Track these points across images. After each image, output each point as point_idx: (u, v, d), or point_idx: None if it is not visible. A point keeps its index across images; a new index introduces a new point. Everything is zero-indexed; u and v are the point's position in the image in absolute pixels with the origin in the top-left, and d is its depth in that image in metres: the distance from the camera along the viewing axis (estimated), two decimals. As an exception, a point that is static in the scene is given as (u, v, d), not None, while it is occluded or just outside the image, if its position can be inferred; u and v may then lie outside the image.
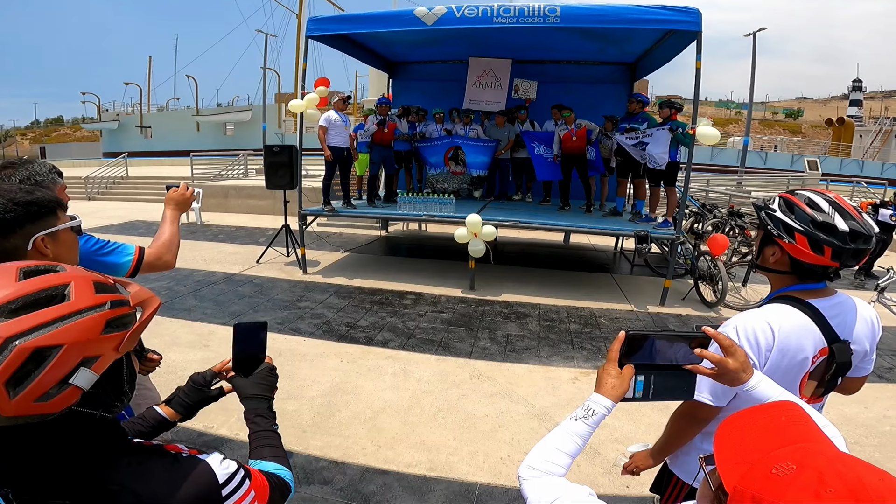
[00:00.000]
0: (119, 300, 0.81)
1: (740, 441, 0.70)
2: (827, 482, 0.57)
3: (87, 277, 0.80)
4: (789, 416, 0.74)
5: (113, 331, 0.78)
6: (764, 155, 28.08)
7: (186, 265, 7.44)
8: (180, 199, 2.01)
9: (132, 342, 0.82)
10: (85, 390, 0.74)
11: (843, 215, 1.27)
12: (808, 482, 0.58)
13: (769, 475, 0.61)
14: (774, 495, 0.58)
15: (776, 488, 0.59)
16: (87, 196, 16.69)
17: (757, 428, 0.72)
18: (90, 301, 0.76)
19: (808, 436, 0.70)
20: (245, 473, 0.94)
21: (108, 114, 39.64)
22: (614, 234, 8.11)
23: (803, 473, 0.59)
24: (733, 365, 1.07)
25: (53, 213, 1.28)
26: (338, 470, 2.86)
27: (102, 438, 0.82)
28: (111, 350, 0.78)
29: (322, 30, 6.69)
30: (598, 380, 1.01)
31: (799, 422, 0.73)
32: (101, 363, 0.76)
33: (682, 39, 6.38)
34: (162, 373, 3.86)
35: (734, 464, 0.67)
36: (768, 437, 0.69)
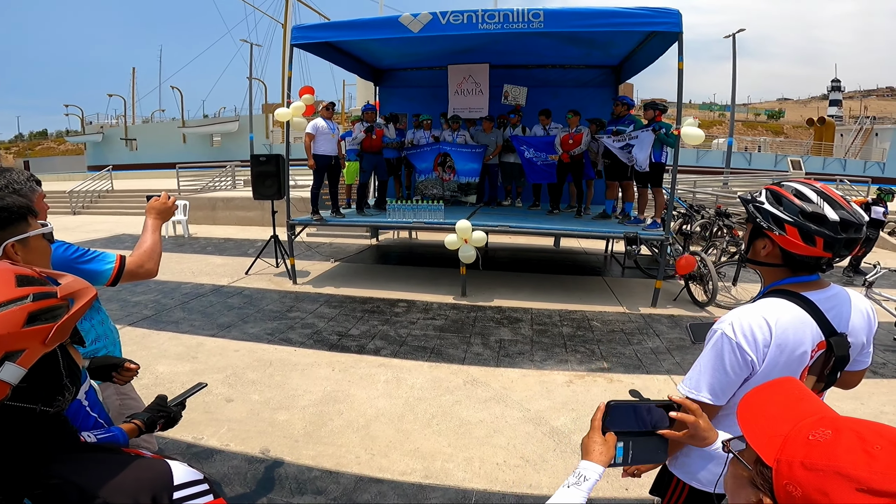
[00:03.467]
0: (44, 292, 0.78)
1: (766, 417, 0.74)
2: (869, 440, 0.61)
3: (8, 271, 0.78)
4: (800, 390, 0.79)
5: (38, 323, 0.75)
6: (748, 156, 28.42)
7: (174, 277, 7.35)
8: (161, 207, 2.00)
9: (62, 334, 0.79)
10: (13, 385, 0.72)
11: (832, 205, 1.26)
12: (852, 442, 0.61)
13: (808, 441, 0.64)
14: (827, 458, 0.61)
15: (822, 452, 0.62)
16: (72, 210, 16.49)
17: (776, 404, 0.76)
18: (9, 295, 0.74)
19: (821, 405, 0.75)
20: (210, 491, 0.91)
21: (92, 126, 39.29)
22: (604, 236, 8.15)
23: (842, 436, 0.63)
24: (703, 424, 1.10)
25: (24, 219, 1.26)
26: (331, 479, 2.81)
27: (46, 433, 0.80)
28: (38, 343, 0.75)
29: (307, 38, 6.68)
30: (584, 448, 1.06)
31: (809, 395, 0.79)
32: (27, 357, 0.73)
33: (665, 41, 6.46)
34: (149, 385, 3.81)
35: (768, 438, 0.70)
36: (789, 411, 0.73)
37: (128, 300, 6.16)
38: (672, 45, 6.16)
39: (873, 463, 0.60)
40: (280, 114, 6.96)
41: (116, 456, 0.89)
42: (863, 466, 0.60)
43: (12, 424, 0.76)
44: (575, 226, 7.00)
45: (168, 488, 0.85)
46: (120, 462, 0.86)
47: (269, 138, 29.35)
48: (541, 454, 3.09)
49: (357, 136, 7.40)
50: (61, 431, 0.86)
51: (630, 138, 6.49)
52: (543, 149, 7.90)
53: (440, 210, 6.97)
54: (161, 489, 0.84)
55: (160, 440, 3.04)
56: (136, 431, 1.33)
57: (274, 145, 26.99)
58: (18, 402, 0.74)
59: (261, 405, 3.65)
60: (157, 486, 0.84)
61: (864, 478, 0.59)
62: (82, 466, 0.81)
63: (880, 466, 0.59)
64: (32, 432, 0.79)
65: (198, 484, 0.89)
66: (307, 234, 10.64)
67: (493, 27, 5.87)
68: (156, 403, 1.47)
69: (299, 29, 6.73)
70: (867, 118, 36.30)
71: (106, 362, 1.56)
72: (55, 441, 0.83)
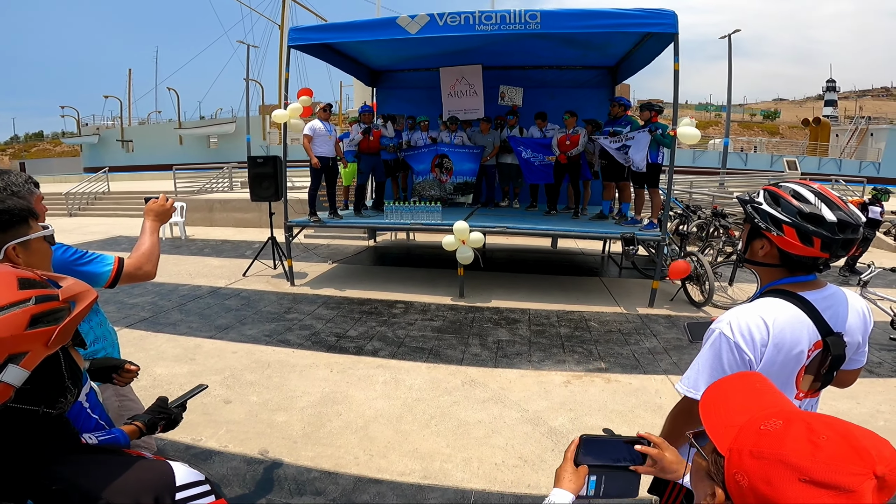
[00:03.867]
0: (46, 295, 0.78)
1: (726, 408, 0.76)
2: (817, 431, 0.63)
3: (10, 274, 0.78)
4: (763, 383, 0.81)
5: (40, 326, 0.75)
6: (744, 156, 28.49)
7: (171, 279, 7.34)
8: (159, 209, 2.00)
9: (64, 337, 0.79)
10: (16, 387, 0.72)
11: (829, 206, 1.27)
12: (800, 433, 0.63)
13: (760, 431, 0.66)
14: (773, 447, 0.63)
15: (771, 441, 0.64)
16: (69, 212, 16.43)
17: (737, 396, 0.78)
18: (12, 297, 0.75)
19: (782, 399, 0.77)
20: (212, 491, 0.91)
21: (88, 128, 39.11)
22: (601, 237, 8.17)
23: (792, 426, 0.65)
24: (670, 457, 1.13)
25: (25, 222, 1.26)
26: (330, 480, 2.81)
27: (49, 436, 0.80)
28: (40, 346, 0.75)
29: (304, 39, 6.68)
30: (557, 476, 1.11)
31: (771, 389, 0.80)
32: (30, 359, 0.74)
33: (661, 42, 6.48)
34: (147, 387, 3.81)
35: (724, 428, 0.72)
36: (749, 403, 0.76)
37: (125, 302, 6.15)
38: (668, 45, 6.19)
39: (817, 453, 0.61)
40: (277, 115, 6.95)
41: (118, 457, 0.89)
42: (807, 456, 0.61)
43: (15, 426, 0.76)
44: (572, 226, 7.02)
45: (170, 489, 0.85)
46: (122, 463, 0.86)
47: (265, 140, 29.30)
48: (539, 454, 3.09)
49: (354, 138, 7.41)
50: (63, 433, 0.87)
51: (627, 139, 6.51)
52: (540, 150, 7.92)
53: (438, 211, 6.98)
54: (163, 490, 0.84)
55: (159, 441, 3.03)
56: (138, 433, 1.33)
57: (271, 147, 26.97)
58: (21, 404, 0.75)
59: (259, 406, 3.65)
60: (160, 487, 0.84)
61: (806, 467, 0.60)
62: (84, 468, 0.82)
63: (823, 457, 0.61)
64: (35, 434, 0.79)
65: (200, 485, 0.89)
66: (305, 236, 10.64)
67: (491, 28, 5.89)
68: (157, 405, 1.47)
69: (297, 31, 6.73)
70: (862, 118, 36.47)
71: (106, 364, 1.56)
72: (57, 443, 0.83)
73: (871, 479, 0.59)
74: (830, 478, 0.59)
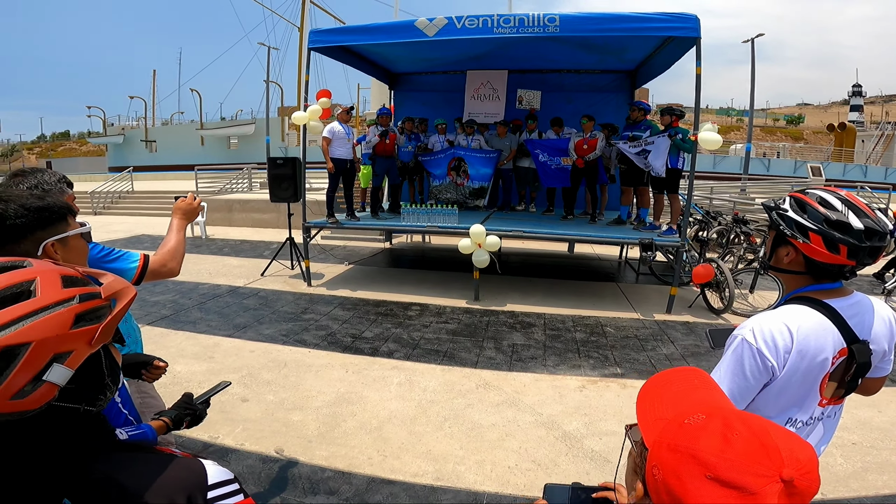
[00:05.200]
0: (89, 293, 0.79)
1: (660, 401, 0.77)
2: (733, 426, 0.63)
3: (54, 272, 0.79)
4: (701, 379, 0.82)
5: (84, 325, 0.76)
6: (767, 162, 28.06)
7: (191, 278, 7.45)
8: (187, 208, 2.03)
9: (106, 335, 0.80)
10: (61, 386, 0.73)
11: (856, 213, 1.25)
12: (716, 428, 0.63)
13: (682, 425, 0.67)
14: (688, 440, 0.63)
15: (689, 435, 0.64)
16: (93, 210, 16.79)
17: (672, 390, 0.79)
18: (57, 296, 0.75)
19: (717, 395, 0.78)
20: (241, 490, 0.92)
21: (114, 128, 39.96)
22: (619, 242, 8.07)
23: (711, 421, 0.65)
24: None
25: (64, 219, 1.28)
26: (343, 480, 2.82)
27: (88, 432, 0.81)
28: (84, 344, 0.76)
29: (324, 41, 6.74)
30: None
31: (708, 384, 0.80)
32: (74, 358, 0.74)
33: (681, 46, 6.41)
34: (167, 384, 3.85)
35: (653, 421, 0.73)
36: (682, 397, 0.76)
37: (147, 300, 6.25)
38: (689, 50, 6.12)
39: (727, 449, 0.60)
40: (297, 117, 7.02)
41: (153, 455, 0.90)
42: (716, 452, 0.60)
43: (55, 424, 0.77)
44: (589, 231, 6.96)
45: (202, 488, 0.86)
46: (157, 461, 0.87)
47: (284, 141, 29.61)
48: (553, 458, 3.07)
49: (371, 140, 7.45)
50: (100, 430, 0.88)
51: (646, 144, 6.45)
52: (557, 152, 7.88)
53: (454, 214, 6.99)
54: (196, 489, 0.85)
55: (177, 439, 3.08)
56: (165, 428, 1.35)
57: (290, 148, 27.23)
58: (63, 402, 0.76)
59: (275, 405, 3.68)
60: (193, 486, 0.85)
61: (713, 464, 0.59)
62: (121, 465, 0.83)
63: (732, 454, 0.59)
64: (74, 431, 0.81)
65: (229, 483, 0.90)
66: (322, 237, 10.71)
67: (509, 31, 5.88)
68: (182, 401, 1.49)
69: (316, 33, 6.79)
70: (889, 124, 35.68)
71: (136, 360, 1.59)
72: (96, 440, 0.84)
73: (775, 482, 0.57)
74: (734, 477, 0.58)
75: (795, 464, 0.58)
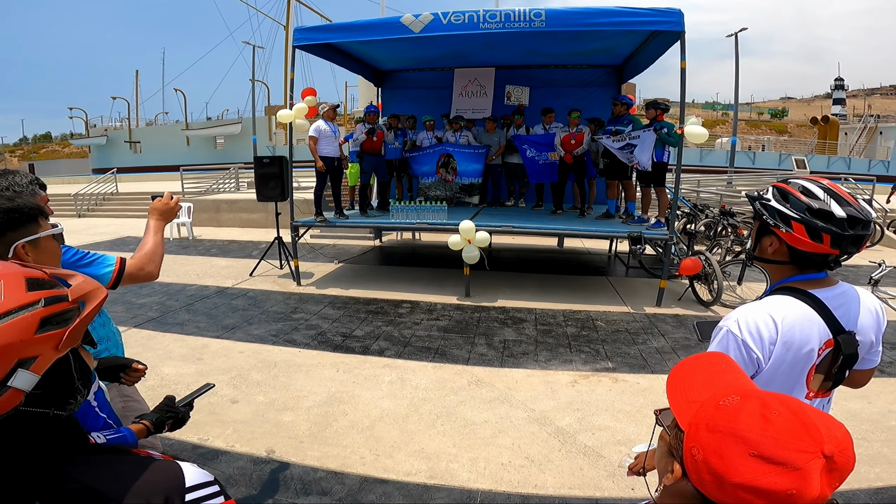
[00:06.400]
0: (56, 296, 0.77)
1: (690, 385, 0.78)
2: (771, 406, 0.64)
3: (18, 274, 0.76)
4: (728, 363, 0.84)
5: (51, 329, 0.73)
6: (752, 155, 28.30)
7: (179, 280, 7.38)
8: (164, 209, 1.97)
9: (74, 339, 0.78)
10: (27, 392, 0.71)
11: (839, 201, 1.25)
12: (755, 408, 0.65)
13: (718, 406, 0.68)
14: (727, 421, 0.65)
15: (727, 416, 0.66)
16: (77, 213, 16.55)
17: (702, 374, 0.81)
18: (21, 300, 0.72)
19: (744, 379, 0.80)
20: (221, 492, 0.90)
21: (97, 129, 39.40)
22: (608, 236, 8.10)
23: (748, 402, 0.66)
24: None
25: (35, 220, 1.26)
26: (336, 480, 2.81)
27: (59, 437, 0.80)
28: (50, 349, 0.74)
29: (309, 39, 6.69)
30: None
31: (735, 368, 0.83)
32: (40, 363, 0.72)
33: (667, 40, 6.44)
34: (155, 386, 3.82)
35: (686, 404, 0.75)
36: (712, 380, 0.78)
37: (133, 302, 6.18)
38: (674, 44, 6.15)
39: (768, 428, 0.62)
40: (282, 115, 6.97)
41: (128, 458, 0.89)
42: (757, 430, 0.62)
43: (25, 429, 0.75)
44: (578, 226, 6.99)
45: (180, 490, 0.84)
46: (132, 464, 0.86)
47: (272, 140, 29.39)
48: (546, 454, 3.08)
49: (358, 138, 7.41)
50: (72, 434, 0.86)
51: (630, 138, 6.47)
52: (544, 147, 7.89)
53: (443, 211, 6.97)
54: (173, 491, 0.83)
55: (166, 441, 3.04)
56: (145, 432, 1.33)
57: (277, 147, 27.03)
58: (31, 407, 0.74)
59: (266, 406, 3.65)
60: (170, 488, 0.84)
61: (756, 441, 0.61)
62: (95, 468, 0.81)
63: (773, 432, 0.61)
64: (44, 436, 0.79)
65: (209, 486, 0.89)
66: (311, 236, 10.66)
67: (495, 27, 5.87)
68: (164, 404, 1.47)
69: (301, 31, 6.74)
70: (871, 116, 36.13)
71: (114, 363, 1.56)
72: (67, 443, 0.83)
73: (818, 457, 0.59)
74: (778, 453, 0.60)
75: (834, 441, 0.61)
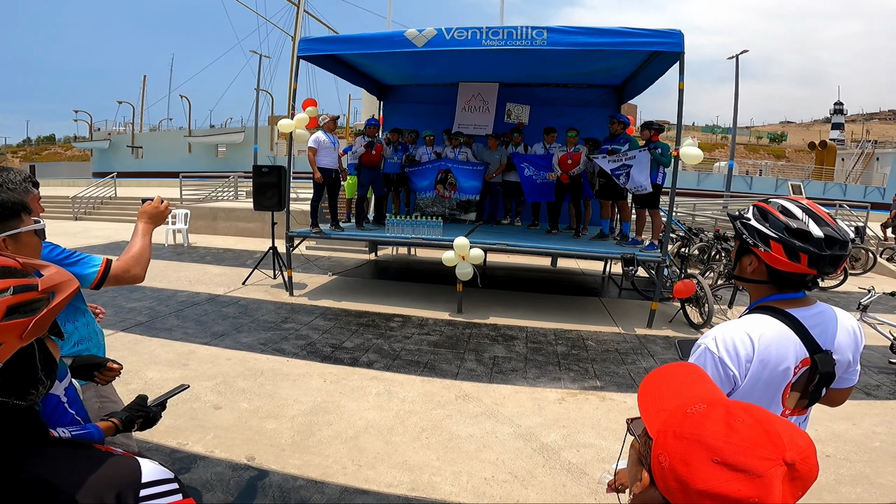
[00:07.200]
0: (25, 285, 0.77)
1: (660, 394, 0.80)
2: (735, 414, 0.66)
3: None
4: (698, 373, 0.86)
5: (16, 317, 0.73)
6: (749, 179, 28.54)
7: (170, 285, 7.35)
8: (153, 212, 1.98)
9: (40, 328, 0.78)
10: None
11: (817, 221, 1.26)
12: (719, 415, 0.66)
13: (685, 414, 0.69)
14: (693, 428, 0.66)
15: (693, 423, 0.67)
16: (75, 216, 16.56)
17: (673, 383, 0.82)
18: None
19: (714, 388, 0.81)
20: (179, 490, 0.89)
21: (100, 133, 39.58)
22: (601, 257, 8.12)
23: (714, 409, 0.68)
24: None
25: (17, 215, 1.27)
26: (316, 489, 2.77)
27: (16, 427, 0.79)
28: (14, 338, 0.73)
29: (313, 50, 6.76)
30: None
31: (706, 378, 0.85)
32: (2, 351, 0.72)
33: (666, 61, 6.52)
34: (138, 390, 3.76)
35: (655, 412, 0.76)
36: (682, 390, 0.80)
37: (122, 306, 6.15)
38: (674, 65, 6.23)
39: (732, 435, 0.63)
40: (283, 125, 7.01)
41: (86, 452, 0.88)
42: (721, 437, 0.63)
43: None
44: (572, 246, 6.99)
45: (134, 486, 0.84)
46: (89, 458, 0.85)
47: (273, 150, 29.54)
48: (529, 470, 3.05)
49: (357, 150, 7.44)
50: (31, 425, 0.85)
51: (626, 158, 6.51)
52: (542, 167, 7.93)
53: (439, 227, 6.98)
54: (126, 487, 0.83)
55: (144, 445, 3.01)
56: (113, 430, 1.32)
57: (278, 157, 27.15)
58: None
59: (249, 413, 3.62)
60: (123, 483, 0.83)
61: (720, 448, 0.62)
62: (50, 462, 0.81)
63: (737, 439, 0.62)
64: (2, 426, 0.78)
65: (166, 483, 0.88)
66: (306, 248, 10.65)
67: (497, 44, 5.94)
68: (135, 403, 1.46)
69: (306, 41, 6.82)
70: (869, 142, 36.46)
71: (88, 361, 1.55)
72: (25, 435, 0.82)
73: (780, 465, 0.60)
74: (740, 460, 0.61)
75: (796, 448, 0.62)
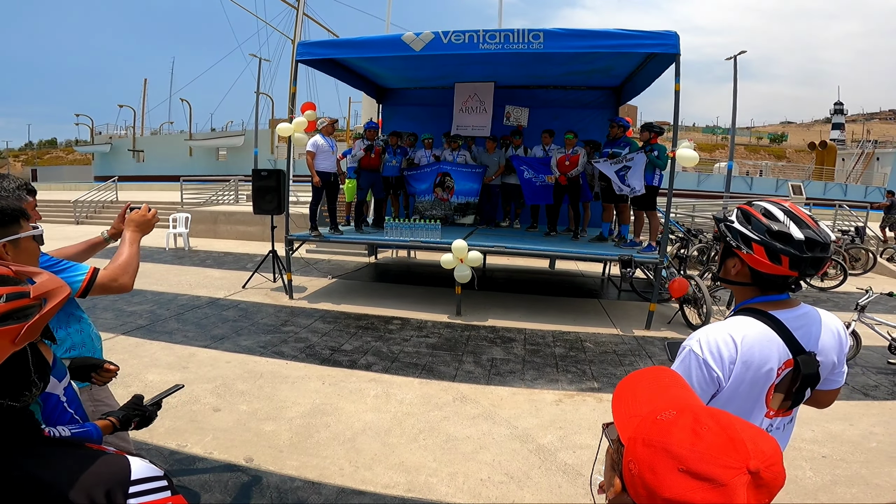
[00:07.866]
0: (17, 292, 0.79)
1: (634, 400, 0.79)
2: (702, 421, 0.66)
3: None
4: (672, 378, 0.85)
5: (9, 323, 0.76)
6: (749, 180, 28.52)
7: (171, 289, 7.38)
8: (141, 220, 1.98)
9: (32, 333, 0.80)
10: None
11: (798, 224, 1.28)
12: (687, 423, 0.66)
13: (656, 421, 0.70)
14: (661, 435, 0.66)
15: (661, 430, 0.67)
16: (76, 220, 16.61)
17: (647, 388, 0.82)
18: None
19: (687, 393, 0.81)
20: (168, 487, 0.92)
21: (101, 136, 39.71)
22: (599, 258, 8.13)
23: (682, 417, 0.68)
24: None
25: (16, 221, 1.30)
26: (313, 490, 2.80)
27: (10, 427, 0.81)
28: (7, 343, 0.76)
29: (312, 54, 6.79)
30: None
31: (679, 382, 0.84)
32: None
33: (663, 62, 6.55)
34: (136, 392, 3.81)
35: (628, 418, 0.75)
36: (655, 395, 0.79)
37: (123, 310, 6.18)
38: (670, 66, 6.25)
39: (697, 443, 0.63)
40: (282, 129, 7.04)
41: (78, 450, 0.90)
42: (687, 445, 0.63)
43: None
44: (571, 248, 7.01)
45: (124, 483, 0.86)
46: (80, 456, 0.87)
47: (273, 153, 29.58)
48: (525, 471, 3.07)
49: (356, 154, 7.47)
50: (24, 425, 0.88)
51: (627, 160, 6.53)
52: (542, 169, 7.95)
53: (437, 229, 6.99)
54: (116, 484, 0.85)
55: (144, 446, 3.04)
56: (111, 428, 1.34)
57: (278, 161, 27.19)
58: None
59: (248, 415, 3.65)
60: (112, 481, 0.85)
61: (685, 456, 0.62)
62: (43, 460, 0.83)
63: (702, 447, 0.62)
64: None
65: (156, 480, 0.90)
66: (306, 251, 10.66)
67: (494, 47, 5.96)
68: (132, 402, 1.49)
69: (304, 45, 6.85)
70: (869, 142, 36.41)
71: (85, 363, 1.58)
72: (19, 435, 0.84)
73: (743, 473, 0.60)
74: (704, 469, 0.60)
75: (761, 456, 0.61)
